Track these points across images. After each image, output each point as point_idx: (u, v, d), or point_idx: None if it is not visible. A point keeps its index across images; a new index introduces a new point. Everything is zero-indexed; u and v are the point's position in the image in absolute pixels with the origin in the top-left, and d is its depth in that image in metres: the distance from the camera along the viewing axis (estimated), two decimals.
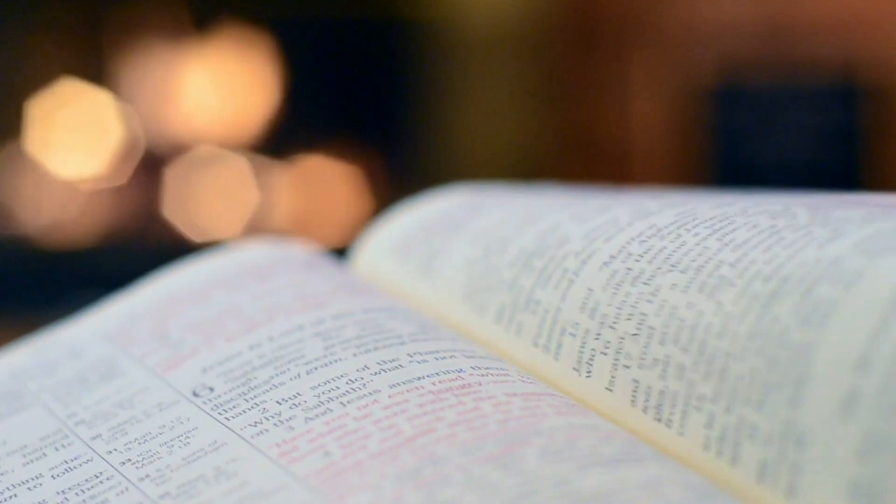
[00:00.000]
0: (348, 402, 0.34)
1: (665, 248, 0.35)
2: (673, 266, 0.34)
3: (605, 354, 0.35)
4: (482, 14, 1.74)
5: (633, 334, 0.34)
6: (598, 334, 0.35)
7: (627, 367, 0.34)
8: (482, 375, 0.35)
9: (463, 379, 0.34)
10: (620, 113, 1.76)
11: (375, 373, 0.35)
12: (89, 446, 0.35)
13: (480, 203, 0.45)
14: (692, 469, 0.31)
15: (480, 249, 0.41)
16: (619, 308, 0.35)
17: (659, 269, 0.35)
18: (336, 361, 0.36)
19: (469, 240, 0.42)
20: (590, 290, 0.36)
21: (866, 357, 0.29)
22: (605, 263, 0.36)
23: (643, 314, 0.34)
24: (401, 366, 0.35)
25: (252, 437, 0.33)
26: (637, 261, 0.35)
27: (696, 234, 0.35)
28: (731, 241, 0.34)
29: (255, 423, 0.34)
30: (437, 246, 0.43)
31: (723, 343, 0.32)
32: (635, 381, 0.34)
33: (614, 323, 0.35)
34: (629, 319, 0.34)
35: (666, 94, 1.74)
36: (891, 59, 1.68)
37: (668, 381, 0.33)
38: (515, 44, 1.75)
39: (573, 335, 0.36)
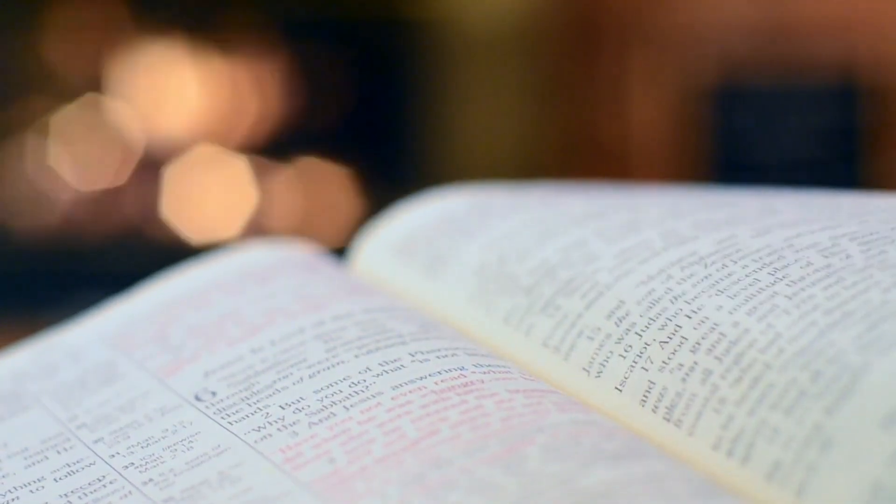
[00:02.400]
0: (352, 405, 0.34)
1: (710, 275, 0.36)
2: (720, 291, 0.35)
3: (624, 357, 0.35)
4: (482, 14, 1.73)
5: (663, 342, 0.34)
6: (621, 339, 0.35)
7: (646, 369, 0.34)
8: (484, 373, 0.35)
9: (465, 377, 0.34)
10: (620, 113, 1.76)
11: (378, 374, 0.35)
12: (91, 450, 0.35)
13: (488, 208, 0.45)
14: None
15: (495, 256, 0.41)
16: (653, 319, 0.35)
17: (704, 292, 0.35)
18: (338, 364, 0.36)
19: (482, 246, 0.42)
20: (621, 301, 0.36)
21: None
22: (643, 283, 0.37)
23: (678, 326, 0.35)
24: (403, 366, 0.35)
25: (256, 442, 0.33)
26: (679, 283, 0.36)
27: (745, 267, 0.36)
28: (785, 276, 0.35)
29: (259, 427, 0.34)
30: (443, 249, 0.43)
31: (765, 357, 0.32)
32: (651, 382, 0.34)
33: (643, 330, 0.35)
34: (662, 329, 0.35)
35: (666, 94, 1.74)
36: (891, 59, 1.68)
37: (688, 384, 0.33)
38: (515, 44, 1.74)
39: (591, 338, 0.36)
